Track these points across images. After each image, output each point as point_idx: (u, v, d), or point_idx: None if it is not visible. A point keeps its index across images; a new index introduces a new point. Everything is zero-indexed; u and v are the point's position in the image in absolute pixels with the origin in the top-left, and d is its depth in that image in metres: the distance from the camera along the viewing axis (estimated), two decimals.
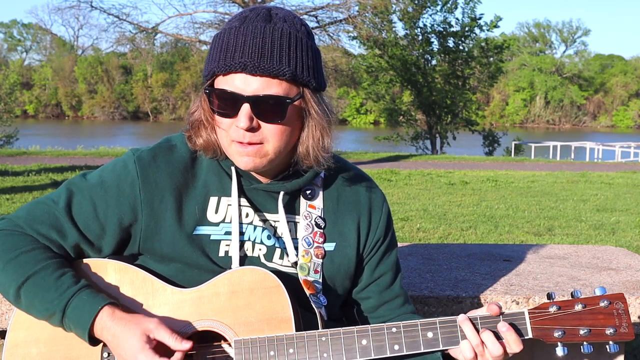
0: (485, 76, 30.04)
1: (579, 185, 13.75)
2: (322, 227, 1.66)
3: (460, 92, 28.69)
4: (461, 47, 28.80)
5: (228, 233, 1.59)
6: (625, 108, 78.09)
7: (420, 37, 28.55)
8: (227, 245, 1.59)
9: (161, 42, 38.22)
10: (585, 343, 1.46)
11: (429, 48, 28.82)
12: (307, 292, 1.58)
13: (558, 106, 77.40)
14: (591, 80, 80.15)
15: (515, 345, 1.46)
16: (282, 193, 1.61)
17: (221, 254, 1.58)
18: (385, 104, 30.34)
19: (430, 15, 28.78)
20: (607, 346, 1.47)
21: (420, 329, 1.49)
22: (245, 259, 1.60)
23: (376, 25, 26.72)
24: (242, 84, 1.45)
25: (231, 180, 1.60)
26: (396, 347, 1.48)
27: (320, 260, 1.64)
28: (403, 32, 28.75)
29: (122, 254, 1.63)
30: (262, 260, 1.62)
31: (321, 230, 1.65)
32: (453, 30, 28.23)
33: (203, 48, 25.51)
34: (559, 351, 1.47)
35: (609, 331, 1.45)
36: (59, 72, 72.39)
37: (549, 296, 1.50)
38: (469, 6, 27.64)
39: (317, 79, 1.51)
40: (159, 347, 1.44)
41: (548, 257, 2.75)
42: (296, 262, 1.61)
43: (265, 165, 1.52)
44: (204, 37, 24.56)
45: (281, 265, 1.63)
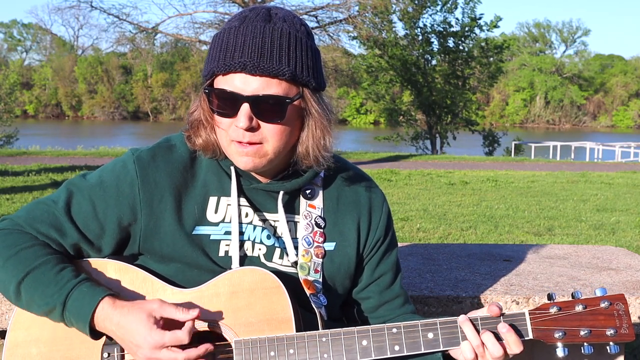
0: (485, 76, 30.06)
1: (579, 185, 13.75)
2: (322, 226, 1.65)
3: (460, 92, 28.71)
4: (461, 47, 28.82)
5: (228, 233, 1.59)
6: (625, 108, 78.12)
7: (420, 37, 28.58)
8: (227, 245, 1.59)
9: (161, 42, 38.29)
10: (585, 344, 1.46)
11: (429, 48, 28.84)
12: (307, 292, 1.58)
13: (558, 106, 77.43)
14: (591, 80, 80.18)
15: (515, 346, 1.46)
16: (281, 193, 1.61)
17: (221, 253, 1.58)
18: (385, 104, 30.35)
19: (430, 15, 28.87)
20: (608, 347, 1.47)
21: (420, 330, 1.49)
22: (245, 259, 1.60)
23: (376, 25, 26.71)
24: (241, 83, 1.44)
25: (230, 180, 1.60)
26: (397, 347, 1.48)
27: (320, 260, 1.64)
28: (403, 32, 28.81)
29: (123, 254, 1.63)
30: (262, 259, 1.62)
31: (321, 230, 1.65)
32: (453, 30, 28.25)
33: (203, 48, 25.49)
34: (560, 352, 1.47)
35: (609, 332, 1.45)
36: (59, 72, 72.42)
37: (550, 297, 1.50)
38: (469, 6, 27.69)
39: (316, 79, 1.51)
40: (167, 325, 1.43)
41: (548, 257, 2.75)
42: (296, 262, 1.61)
43: (265, 165, 1.52)
44: (204, 37, 24.58)
45: (281, 265, 1.63)
